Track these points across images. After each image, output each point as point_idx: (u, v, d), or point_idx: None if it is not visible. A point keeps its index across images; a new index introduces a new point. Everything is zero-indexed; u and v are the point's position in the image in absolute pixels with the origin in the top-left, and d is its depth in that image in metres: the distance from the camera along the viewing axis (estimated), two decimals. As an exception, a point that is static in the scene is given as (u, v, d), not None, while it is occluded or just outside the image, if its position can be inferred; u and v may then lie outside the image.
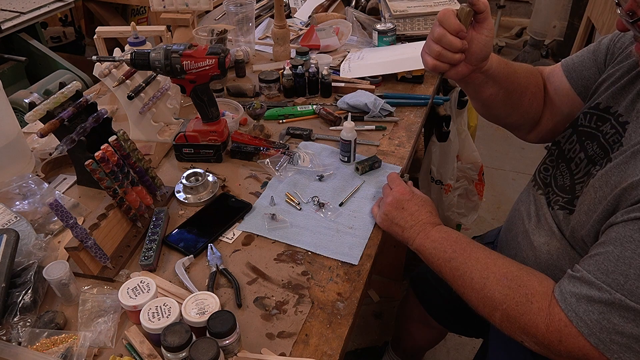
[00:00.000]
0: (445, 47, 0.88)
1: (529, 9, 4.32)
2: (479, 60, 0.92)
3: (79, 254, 0.91)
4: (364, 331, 2.01)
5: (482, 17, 0.88)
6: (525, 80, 1.05)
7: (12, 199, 1.09)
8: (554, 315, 0.77)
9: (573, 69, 1.04)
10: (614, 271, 0.72)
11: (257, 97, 1.54)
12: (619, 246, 0.73)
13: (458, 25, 0.86)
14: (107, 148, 0.98)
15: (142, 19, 3.32)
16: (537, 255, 0.96)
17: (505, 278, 0.84)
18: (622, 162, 0.80)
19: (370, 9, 1.95)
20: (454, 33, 0.86)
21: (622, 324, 0.71)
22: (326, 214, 1.09)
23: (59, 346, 0.80)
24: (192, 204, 1.13)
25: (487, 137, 3.17)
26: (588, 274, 0.75)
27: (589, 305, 0.74)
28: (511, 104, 1.06)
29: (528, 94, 1.06)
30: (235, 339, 0.78)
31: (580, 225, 0.85)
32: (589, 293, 0.74)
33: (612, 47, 0.97)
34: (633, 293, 0.70)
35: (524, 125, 1.13)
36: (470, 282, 0.87)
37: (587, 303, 0.74)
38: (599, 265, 0.75)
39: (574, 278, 0.78)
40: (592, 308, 0.73)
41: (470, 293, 0.88)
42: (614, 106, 0.91)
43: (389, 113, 1.41)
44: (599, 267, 0.75)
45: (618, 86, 0.91)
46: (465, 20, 0.87)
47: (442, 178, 1.86)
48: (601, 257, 0.75)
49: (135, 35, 1.40)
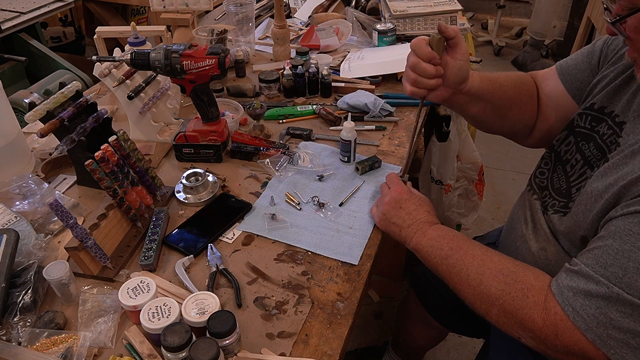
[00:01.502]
0: (419, 74, 0.93)
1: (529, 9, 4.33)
2: (457, 83, 0.97)
3: (79, 254, 0.91)
4: (364, 331, 2.01)
5: (453, 43, 0.93)
6: (514, 92, 1.07)
7: (12, 199, 1.09)
8: (550, 309, 0.77)
9: (567, 72, 1.05)
10: (612, 264, 0.72)
11: (257, 97, 1.54)
12: (618, 239, 0.73)
13: (429, 52, 0.92)
14: (107, 148, 0.98)
15: (142, 19, 3.32)
16: (536, 262, 0.96)
17: (501, 274, 0.84)
18: (620, 161, 0.80)
19: (370, 9, 1.95)
20: (426, 60, 0.92)
21: (619, 319, 0.71)
22: (326, 214, 1.09)
23: (59, 346, 0.80)
24: (192, 204, 1.13)
25: (487, 137, 3.14)
26: (586, 267, 0.75)
27: (586, 299, 0.74)
28: (501, 116, 1.08)
29: (518, 104, 1.07)
30: (235, 339, 0.78)
31: (578, 226, 0.85)
32: (586, 287, 0.74)
33: (606, 49, 0.98)
34: (631, 286, 0.70)
35: (519, 132, 1.14)
36: (467, 278, 0.87)
37: (584, 297, 0.74)
38: (598, 258, 0.74)
39: (571, 272, 0.77)
40: (590, 302, 0.73)
41: (466, 290, 0.88)
42: (608, 106, 0.91)
43: (389, 113, 1.41)
44: (597, 261, 0.74)
45: (612, 87, 0.91)
46: (437, 48, 0.92)
47: (442, 178, 1.86)
48: (600, 250, 0.75)
49: (135, 35, 1.40)
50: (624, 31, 0.77)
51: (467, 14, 4.75)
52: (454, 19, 1.77)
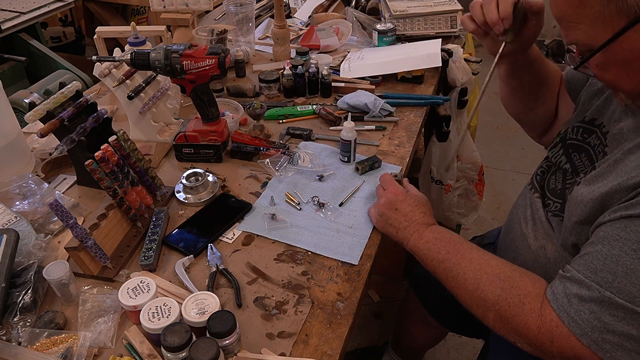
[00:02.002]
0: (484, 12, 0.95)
1: (529, 9, 4.32)
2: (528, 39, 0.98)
3: (79, 254, 0.91)
4: (364, 331, 2.01)
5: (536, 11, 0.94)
6: (553, 78, 1.11)
7: (12, 199, 1.09)
8: (546, 316, 0.77)
9: (571, 77, 1.07)
10: (602, 269, 0.73)
11: (257, 97, 1.54)
12: (607, 245, 0.73)
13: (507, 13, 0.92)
14: (107, 148, 0.98)
15: (142, 19, 3.32)
16: (535, 259, 0.96)
17: (498, 279, 0.84)
18: (604, 170, 0.81)
19: (370, 9, 1.95)
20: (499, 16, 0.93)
21: (612, 323, 0.71)
22: (326, 214, 1.09)
23: (59, 346, 0.80)
24: (192, 204, 1.13)
25: (487, 137, 3.17)
26: (578, 273, 0.76)
27: (580, 304, 0.74)
28: (535, 96, 1.11)
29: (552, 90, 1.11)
30: (235, 339, 0.78)
31: (569, 232, 0.86)
32: (579, 292, 0.74)
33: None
34: (621, 290, 0.70)
35: (539, 124, 1.17)
36: (464, 282, 0.87)
37: (578, 303, 0.74)
38: (588, 264, 0.75)
39: (564, 278, 0.78)
40: (583, 307, 0.74)
41: (463, 294, 0.88)
42: (598, 118, 0.92)
43: (389, 113, 1.41)
44: (588, 266, 0.75)
45: (602, 98, 0.93)
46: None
47: (442, 178, 1.86)
48: (590, 256, 0.75)
49: (135, 35, 1.40)
50: (590, 72, 0.79)
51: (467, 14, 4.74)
52: (454, 19, 1.77)
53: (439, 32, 1.77)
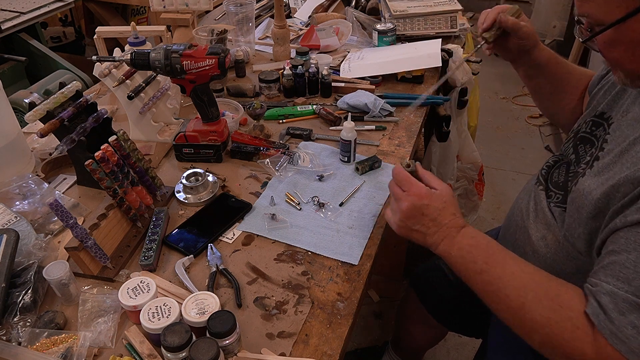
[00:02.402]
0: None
1: (529, 9, 4.32)
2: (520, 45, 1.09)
3: (79, 254, 0.91)
4: (364, 331, 2.01)
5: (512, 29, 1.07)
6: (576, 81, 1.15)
7: (12, 199, 1.09)
8: (599, 341, 0.72)
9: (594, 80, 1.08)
10: (635, 278, 0.70)
11: (257, 97, 1.54)
12: (633, 251, 0.71)
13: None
14: (107, 148, 0.98)
15: (142, 19, 3.32)
16: (535, 250, 0.96)
17: (546, 297, 0.77)
18: (610, 161, 0.81)
19: (370, 9, 1.95)
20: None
21: None
22: (326, 214, 1.09)
23: (59, 346, 0.80)
24: (192, 204, 1.13)
25: (487, 137, 3.17)
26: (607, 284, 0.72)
27: (620, 319, 0.70)
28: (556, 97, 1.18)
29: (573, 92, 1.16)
30: (235, 339, 0.78)
31: (576, 222, 0.86)
32: (616, 307, 0.70)
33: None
34: None
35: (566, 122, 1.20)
36: (506, 299, 0.80)
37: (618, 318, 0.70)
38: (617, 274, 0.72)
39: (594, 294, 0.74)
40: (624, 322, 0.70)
41: (505, 311, 0.81)
42: (608, 112, 0.93)
43: (389, 113, 1.41)
44: (617, 277, 0.72)
45: (613, 93, 0.93)
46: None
47: (442, 178, 1.86)
48: (617, 265, 0.73)
49: (135, 35, 1.40)
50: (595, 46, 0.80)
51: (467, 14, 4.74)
52: (454, 19, 1.77)
53: (439, 32, 1.77)
